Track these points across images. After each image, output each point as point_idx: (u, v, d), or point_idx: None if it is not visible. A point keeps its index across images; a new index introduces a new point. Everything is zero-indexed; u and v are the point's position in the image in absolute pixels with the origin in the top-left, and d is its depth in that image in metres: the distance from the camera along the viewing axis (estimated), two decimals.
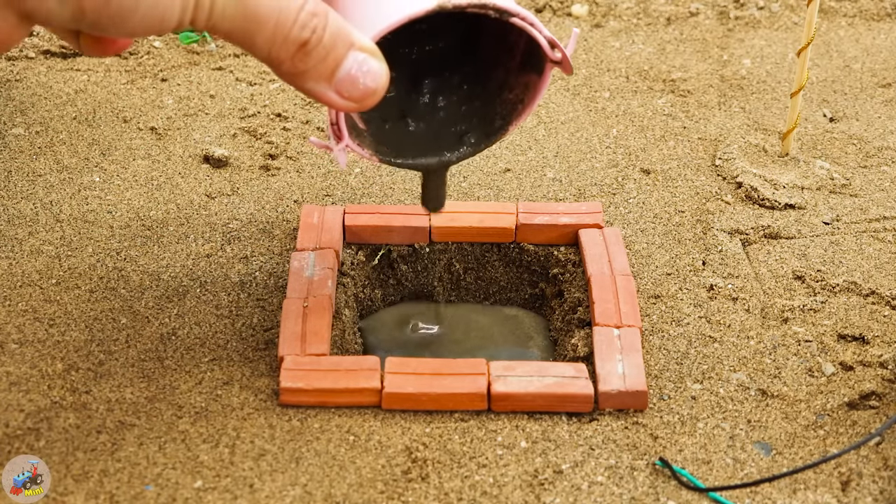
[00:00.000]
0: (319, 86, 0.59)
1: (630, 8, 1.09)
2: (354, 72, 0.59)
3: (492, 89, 0.70)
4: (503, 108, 0.69)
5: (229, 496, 0.62)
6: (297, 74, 0.59)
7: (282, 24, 0.57)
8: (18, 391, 0.68)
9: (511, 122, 0.69)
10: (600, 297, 0.74)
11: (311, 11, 0.58)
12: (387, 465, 0.64)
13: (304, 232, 0.78)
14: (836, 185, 0.88)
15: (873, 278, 0.79)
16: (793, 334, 0.74)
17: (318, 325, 0.70)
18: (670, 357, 0.72)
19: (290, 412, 0.67)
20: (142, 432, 0.66)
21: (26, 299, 0.75)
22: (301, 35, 0.58)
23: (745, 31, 1.07)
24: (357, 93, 0.60)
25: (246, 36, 0.57)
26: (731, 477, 0.65)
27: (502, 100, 0.69)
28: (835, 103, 0.98)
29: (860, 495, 0.64)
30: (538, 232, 0.80)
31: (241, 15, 0.56)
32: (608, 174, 0.88)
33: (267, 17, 0.57)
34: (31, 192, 0.85)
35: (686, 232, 0.83)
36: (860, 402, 0.70)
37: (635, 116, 0.95)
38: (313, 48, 0.58)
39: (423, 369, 0.68)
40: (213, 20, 0.56)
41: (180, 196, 0.85)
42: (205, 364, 0.71)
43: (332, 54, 0.59)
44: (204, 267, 0.78)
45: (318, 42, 0.58)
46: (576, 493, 0.63)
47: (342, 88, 0.60)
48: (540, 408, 0.68)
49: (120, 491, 0.62)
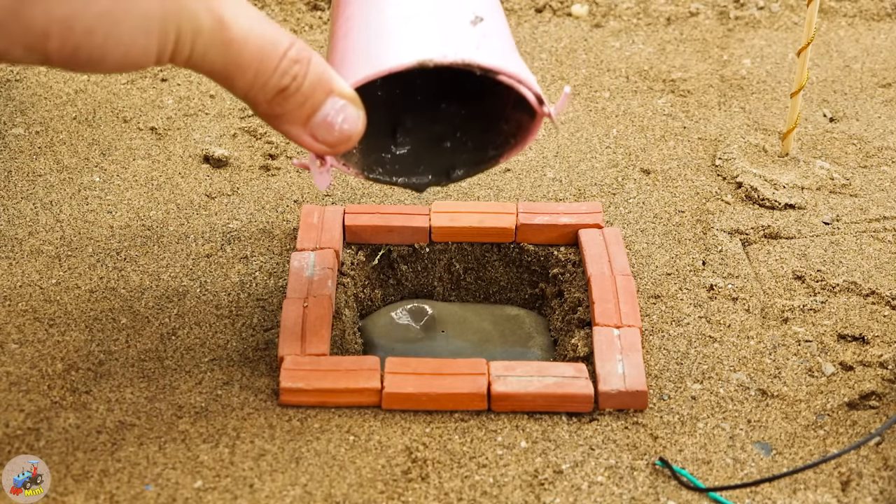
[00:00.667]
0: (294, 129, 0.59)
1: (630, 8, 1.09)
2: (331, 118, 0.59)
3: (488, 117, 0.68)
4: (497, 138, 0.68)
5: (229, 496, 0.62)
6: (273, 116, 0.59)
7: (262, 72, 0.57)
8: (18, 391, 0.68)
9: (503, 154, 0.67)
10: (600, 297, 0.74)
11: (293, 58, 0.57)
12: (387, 465, 0.64)
13: (304, 232, 0.78)
14: (836, 185, 0.88)
15: (873, 278, 0.79)
16: (793, 334, 0.74)
17: (318, 325, 0.70)
18: (670, 357, 0.72)
19: (290, 412, 0.67)
20: (142, 432, 0.66)
21: (26, 299, 0.75)
22: (281, 82, 0.57)
23: (745, 31, 1.07)
24: (331, 138, 0.60)
25: (225, 78, 0.57)
26: (731, 477, 0.65)
27: (498, 130, 0.68)
28: (835, 103, 0.98)
29: (860, 495, 0.64)
30: (538, 232, 0.80)
31: (221, 60, 0.56)
32: (608, 174, 0.88)
33: (248, 64, 0.56)
34: (31, 192, 0.85)
35: (686, 232, 0.83)
36: (860, 402, 0.70)
37: (635, 116, 0.95)
38: (291, 95, 0.58)
39: (423, 369, 0.68)
40: (192, 61, 0.55)
41: (180, 196, 0.85)
42: (205, 364, 0.71)
43: (310, 101, 0.58)
44: (204, 267, 0.78)
45: (297, 89, 0.58)
46: (576, 493, 0.63)
47: (317, 133, 0.59)
48: (540, 408, 0.68)
49: (120, 491, 0.62)
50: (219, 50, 0.55)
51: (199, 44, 0.55)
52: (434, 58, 0.60)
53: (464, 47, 0.61)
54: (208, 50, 0.55)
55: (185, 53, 0.55)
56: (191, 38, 0.55)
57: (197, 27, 0.54)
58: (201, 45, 0.55)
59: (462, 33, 0.62)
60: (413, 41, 0.61)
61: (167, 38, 0.54)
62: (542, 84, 0.99)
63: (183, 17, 0.54)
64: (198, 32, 0.55)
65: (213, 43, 0.55)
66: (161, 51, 0.54)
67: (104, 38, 0.53)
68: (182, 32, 0.54)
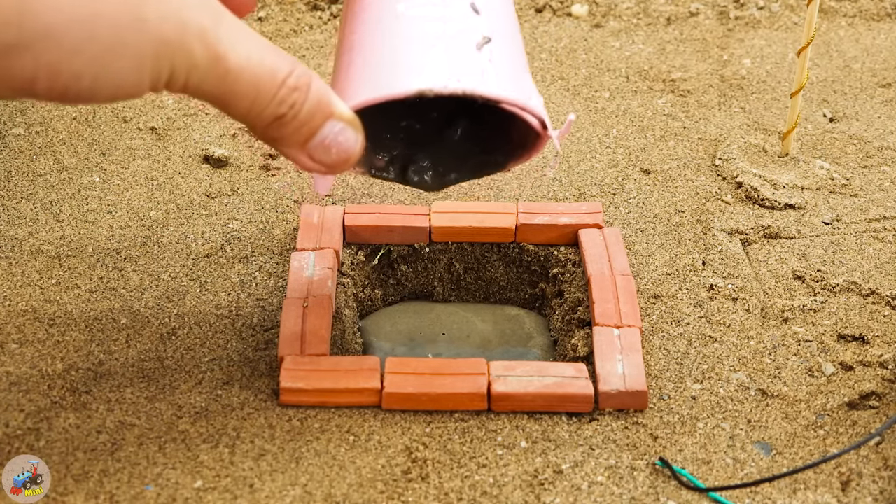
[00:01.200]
0: (291, 151, 0.59)
1: (630, 8, 1.09)
2: (329, 141, 0.59)
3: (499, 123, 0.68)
4: (506, 145, 0.68)
5: (229, 496, 0.62)
6: (272, 139, 0.59)
7: (259, 101, 0.56)
8: (18, 391, 0.68)
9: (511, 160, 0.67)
10: (600, 297, 0.74)
11: (292, 86, 0.57)
12: (387, 465, 0.64)
13: (304, 232, 0.78)
14: (836, 185, 0.88)
15: (873, 278, 0.79)
16: (793, 334, 0.74)
17: (318, 325, 0.70)
18: (670, 357, 0.72)
19: (290, 412, 0.67)
20: (142, 432, 0.66)
21: (26, 299, 0.75)
22: (278, 110, 0.57)
23: (745, 31, 1.07)
24: (329, 160, 0.60)
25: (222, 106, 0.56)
26: (731, 477, 0.65)
27: (507, 137, 0.68)
28: (835, 103, 0.98)
29: (860, 495, 0.64)
30: (538, 232, 0.80)
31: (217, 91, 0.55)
32: (608, 174, 0.88)
33: (245, 94, 0.56)
34: (31, 192, 0.85)
35: (686, 232, 0.83)
36: (860, 402, 0.70)
37: (635, 116, 0.95)
38: (289, 121, 0.58)
39: (423, 369, 0.68)
40: (188, 90, 0.55)
41: (180, 196, 0.85)
42: (205, 364, 0.71)
43: (308, 125, 0.58)
44: (204, 267, 0.78)
45: (294, 116, 0.58)
46: (576, 493, 0.63)
47: (314, 154, 0.59)
48: (540, 408, 0.68)
49: (120, 491, 0.62)
50: (215, 82, 0.55)
51: (194, 77, 0.54)
52: (435, 87, 0.60)
53: (467, 75, 0.61)
54: (204, 82, 0.55)
55: (180, 85, 0.55)
56: (185, 72, 0.54)
57: (192, 63, 0.54)
58: (196, 78, 0.55)
59: (467, 59, 0.62)
60: (416, 67, 0.61)
61: (160, 75, 0.54)
62: (541, 84, 0.99)
63: (177, 55, 0.53)
64: (193, 67, 0.54)
65: (208, 76, 0.55)
66: (154, 86, 0.54)
67: (93, 81, 0.52)
68: (176, 68, 0.54)
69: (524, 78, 0.64)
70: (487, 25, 0.63)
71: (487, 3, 0.64)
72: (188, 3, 0.54)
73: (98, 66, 0.52)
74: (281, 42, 1.03)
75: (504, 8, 0.66)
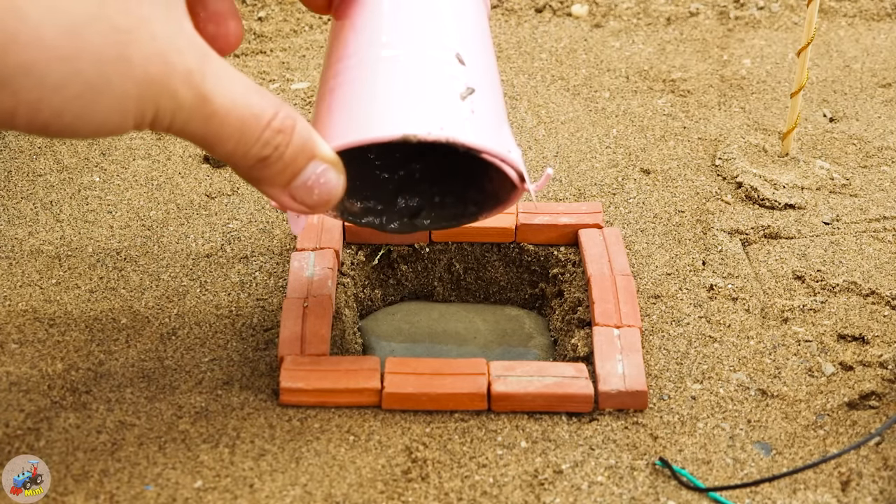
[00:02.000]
0: (273, 191, 0.59)
1: (630, 8, 1.09)
2: (311, 182, 0.59)
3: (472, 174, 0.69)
4: (479, 196, 0.69)
5: (229, 496, 0.62)
6: (255, 179, 0.59)
7: (243, 143, 0.56)
8: (18, 391, 0.68)
9: (483, 212, 0.69)
10: (600, 297, 0.74)
11: (277, 128, 0.57)
12: (387, 465, 0.64)
13: (304, 232, 0.78)
14: (836, 185, 0.88)
15: (873, 278, 0.79)
16: (793, 334, 0.74)
17: (318, 325, 0.70)
18: (670, 357, 0.72)
19: (290, 412, 0.67)
20: (142, 432, 0.66)
21: (26, 299, 0.75)
22: (262, 152, 0.57)
23: (745, 31, 1.07)
24: (310, 201, 0.60)
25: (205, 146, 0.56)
26: (731, 477, 0.65)
27: (481, 187, 0.69)
28: (835, 103, 0.98)
29: (860, 495, 0.64)
30: (538, 232, 0.80)
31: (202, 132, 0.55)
32: (608, 174, 0.88)
33: (229, 136, 0.56)
34: (31, 192, 0.85)
35: (686, 232, 0.83)
36: (860, 402, 0.70)
37: (635, 116, 0.95)
38: (273, 163, 0.58)
39: (423, 369, 0.68)
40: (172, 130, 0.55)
41: (180, 196, 0.85)
42: (205, 364, 0.71)
43: (291, 167, 0.58)
44: (204, 267, 0.78)
45: (278, 158, 0.58)
46: (576, 493, 0.63)
47: (296, 195, 0.59)
48: (540, 408, 0.68)
49: (120, 491, 0.62)
50: (199, 124, 0.55)
51: (178, 118, 0.54)
52: (419, 133, 0.60)
53: (449, 124, 0.61)
54: (188, 123, 0.55)
55: (164, 126, 0.54)
56: (170, 114, 0.54)
57: (177, 104, 0.54)
58: (181, 120, 0.54)
59: (450, 108, 0.62)
60: (399, 113, 0.62)
61: (144, 115, 0.53)
62: (542, 84, 0.99)
63: (162, 95, 0.53)
64: (178, 109, 0.54)
65: (193, 117, 0.54)
66: (138, 125, 0.54)
67: (75, 119, 0.52)
68: (161, 110, 0.54)
69: (504, 130, 0.65)
70: (472, 76, 0.64)
71: (472, 54, 0.65)
72: (174, 44, 0.53)
73: (80, 105, 0.52)
74: (281, 42, 1.03)
75: (487, 59, 0.67)
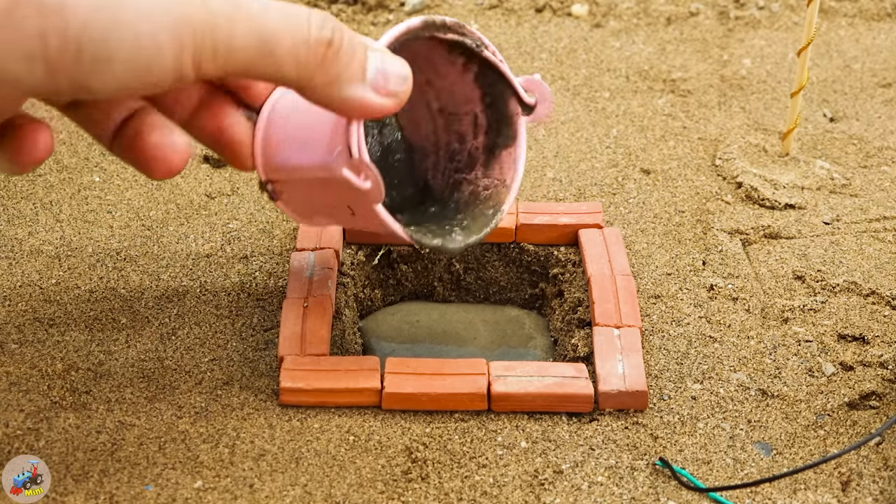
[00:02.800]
0: (357, 89, 0.57)
1: (630, 8, 1.09)
2: (381, 67, 0.58)
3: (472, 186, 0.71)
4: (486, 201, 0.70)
5: (229, 496, 0.62)
6: (332, 83, 0.57)
7: (299, 32, 0.55)
8: (18, 391, 0.68)
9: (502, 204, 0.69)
10: (600, 297, 0.74)
11: (319, 15, 0.56)
12: (387, 465, 0.64)
13: (304, 232, 0.78)
14: (836, 185, 0.88)
15: (873, 278, 0.79)
16: (793, 334, 0.74)
17: (318, 325, 0.70)
18: (670, 357, 0.72)
19: (290, 412, 0.67)
20: (142, 432, 0.66)
21: (26, 299, 0.75)
22: (322, 34, 0.55)
23: (745, 31, 1.07)
24: (392, 85, 0.58)
25: (264, 56, 0.54)
26: (731, 477, 0.65)
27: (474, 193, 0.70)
28: (835, 103, 0.98)
29: (860, 495, 0.64)
30: (538, 232, 0.80)
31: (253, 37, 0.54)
32: (608, 174, 0.88)
33: (282, 30, 0.54)
34: (31, 192, 0.85)
35: (686, 232, 0.83)
36: (860, 402, 0.70)
37: (635, 116, 0.95)
38: (339, 48, 0.56)
39: (423, 369, 0.68)
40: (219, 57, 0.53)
41: (180, 196, 0.85)
42: (205, 364, 0.71)
43: (358, 55, 0.57)
44: (204, 267, 0.78)
45: (340, 42, 0.56)
46: (576, 493, 0.63)
47: (378, 85, 0.58)
48: (540, 408, 0.68)
49: (120, 491, 0.62)
50: (245, 27, 0.53)
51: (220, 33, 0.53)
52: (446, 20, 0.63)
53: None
54: (234, 34, 0.53)
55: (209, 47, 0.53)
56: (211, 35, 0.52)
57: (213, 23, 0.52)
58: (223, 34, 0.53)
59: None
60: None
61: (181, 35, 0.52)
62: None
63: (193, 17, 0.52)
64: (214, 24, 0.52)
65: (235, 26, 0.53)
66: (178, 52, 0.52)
67: (102, 32, 0.51)
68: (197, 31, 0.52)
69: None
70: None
71: None
72: None
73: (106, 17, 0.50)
74: None
75: None
